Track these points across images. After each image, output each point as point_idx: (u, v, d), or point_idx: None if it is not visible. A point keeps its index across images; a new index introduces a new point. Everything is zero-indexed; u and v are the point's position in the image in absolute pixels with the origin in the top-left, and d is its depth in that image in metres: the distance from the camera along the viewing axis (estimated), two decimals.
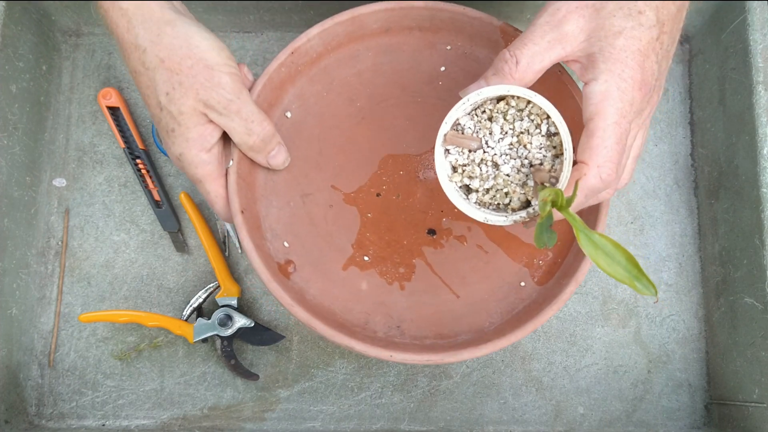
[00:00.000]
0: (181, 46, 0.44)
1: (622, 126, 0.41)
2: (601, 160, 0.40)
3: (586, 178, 0.41)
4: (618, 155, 0.41)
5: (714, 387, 0.60)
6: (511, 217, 0.46)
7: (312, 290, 0.54)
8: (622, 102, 0.40)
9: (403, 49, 0.58)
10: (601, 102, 0.40)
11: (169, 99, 0.45)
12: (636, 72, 0.40)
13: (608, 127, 0.40)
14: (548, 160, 0.44)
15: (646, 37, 0.40)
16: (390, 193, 0.57)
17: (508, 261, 0.56)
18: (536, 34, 0.42)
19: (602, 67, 0.40)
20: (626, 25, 0.40)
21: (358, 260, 0.55)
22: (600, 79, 0.40)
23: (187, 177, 0.50)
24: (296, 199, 0.55)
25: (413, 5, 0.55)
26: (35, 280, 0.60)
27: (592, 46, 0.41)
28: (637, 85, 0.41)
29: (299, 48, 0.54)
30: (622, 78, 0.40)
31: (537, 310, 0.51)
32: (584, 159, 0.41)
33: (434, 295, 0.55)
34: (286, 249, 0.54)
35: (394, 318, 0.54)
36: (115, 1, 0.44)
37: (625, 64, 0.40)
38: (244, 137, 0.48)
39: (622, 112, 0.40)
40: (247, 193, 0.53)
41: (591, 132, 0.41)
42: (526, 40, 0.42)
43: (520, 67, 0.42)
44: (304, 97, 0.57)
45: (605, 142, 0.40)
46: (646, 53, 0.41)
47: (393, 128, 0.57)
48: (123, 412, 0.59)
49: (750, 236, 0.55)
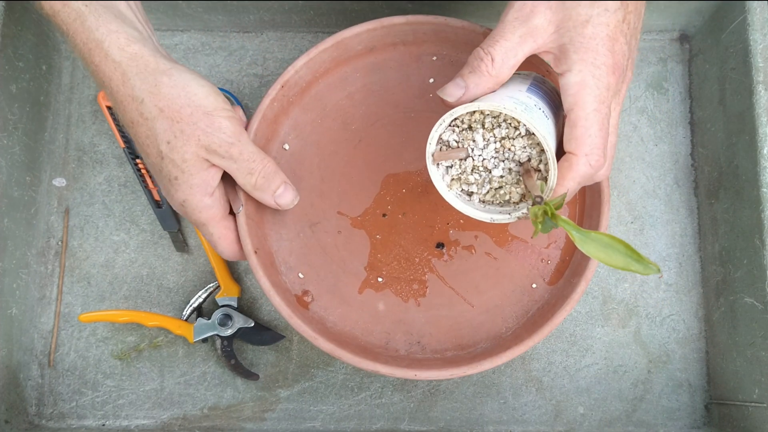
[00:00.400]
0: (179, 95, 0.45)
1: (602, 112, 0.42)
2: (588, 148, 0.42)
3: (576, 167, 0.43)
4: (603, 140, 0.42)
5: (714, 387, 0.60)
6: (514, 214, 0.46)
7: (331, 317, 0.55)
8: (599, 89, 0.42)
9: (390, 65, 0.59)
10: (579, 92, 0.42)
11: (170, 147, 0.45)
12: (608, 57, 0.42)
13: (589, 115, 0.42)
14: (535, 156, 0.45)
15: (612, 21, 0.42)
16: (395, 212, 0.57)
17: (518, 265, 0.57)
18: (507, 30, 0.42)
19: (574, 57, 0.42)
20: (592, 12, 0.41)
21: (373, 282, 0.56)
22: (574, 69, 0.42)
23: (190, 221, 0.51)
24: (305, 230, 0.56)
25: (394, 22, 0.56)
26: (35, 280, 0.60)
27: (562, 37, 0.42)
28: (611, 70, 0.42)
29: (288, 80, 0.55)
30: (595, 65, 0.41)
31: (551, 311, 0.53)
32: (572, 149, 0.42)
33: (450, 307, 0.56)
34: (301, 280, 0.56)
35: (414, 334, 0.55)
36: (106, 54, 0.44)
37: (597, 52, 0.41)
38: (247, 177, 0.48)
39: (600, 98, 0.42)
40: (258, 231, 0.54)
41: (573, 122, 0.42)
42: (498, 37, 0.42)
43: (496, 64, 0.43)
44: (300, 127, 0.58)
45: (589, 131, 0.42)
46: (614, 37, 0.42)
47: (390, 147, 0.58)
48: (123, 412, 0.59)
49: (750, 236, 0.55)
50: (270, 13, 0.63)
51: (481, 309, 0.56)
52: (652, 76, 0.65)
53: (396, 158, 0.58)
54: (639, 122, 0.64)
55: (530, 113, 0.43)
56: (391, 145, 0.58)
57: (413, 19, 0.56)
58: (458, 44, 0.58)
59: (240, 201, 0.51)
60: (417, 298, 0.57)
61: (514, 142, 0.44)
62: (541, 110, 0.44)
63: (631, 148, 0.63)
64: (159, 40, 0.64)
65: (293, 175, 0.58)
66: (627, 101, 0.64)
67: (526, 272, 0.57)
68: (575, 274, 0.54)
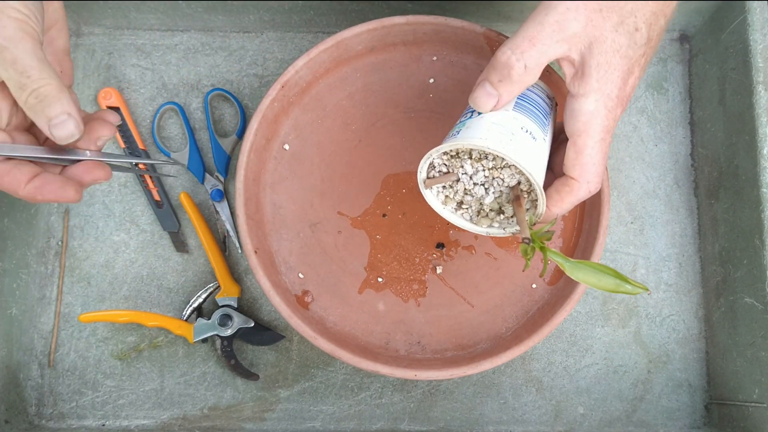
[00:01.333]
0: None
1: (607, 141, 0.43)
2: (590, 176, 0.43)
3: (577, 193, 0.44)
4: (603, 168, 0.44)
5: (714, 387, 0.60)
6: (508, 229, 0.48)
7: (331, 317, 0.55)
8: (608, 120, 0.42)
9: (390, 65, 0.59)
10: (590, 121, 0.42)
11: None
12: (622, 91, 0.42)
13: (596, 144, 0.42)
14: (524, 181, 0.46)
15: (636, 55, 0.42)
16: (395, 213, 0.58)
17: (518, 265, 0.57)
18: (545, 34, 0.40)
19: (594, 85, 0.41)
20: (624, 42, 0.41)
21: (373, 282, 0.57)
22: (590, 97, 0.41)
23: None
24: (305, 230, 0.57)
25: (394, 22, 0.56)
26: (35, 280, 0.60)
27: (592, 57, 0.41)
28: (622, 102, 0.42)
29: (288, 81, 0.55)
30: (609, 97, 0.42)
31: (551, 311, 0.53)
32: (574, 175, 0.43)
33: (450, 307, 0.56)
34: (301, 280, 0.56)
35: (414, 335, 0.56)
36: None
37: (615, 84, 0.41)
38: (17, 92, 0.41)
39: (607, 128, 0.42)
40: (258, 231, 0.54)
41: (579, 149, 0.43)
42: (536, 41, 0.40)
43: (528, 70, 0.41)
44: (300, 127, 0.58)
45: (593, 159, 0.43)
46: (632, 71, 0.42)
47: (390, 147, 0.58)
48: (123, 412, 0.59)
49: (750, 236, 0.55)
50: (270, 13, 0.63)
51: (482, 309, 0.56)
52: (652, 76, 0.65)
53: (396, 159, 0.58)
54: (639, 122, 0.64)
55: (515, 144, 0.43)
56: (392, 146, 0.58)
57: (413, 19, 0.56)
58: (458, 44, 0.58)
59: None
60: (417, 298, 0.57)
61: (501, 171, 0.45)
62: (528, 132, 0.44)
63: (631, 148, 0.63)
64: (159, 40, 0.65)
65: (293, 174, 0.58)
66: None
67: (526, 272, 0.57)
68: None
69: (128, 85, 0.64)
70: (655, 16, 0.42)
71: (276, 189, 0.57)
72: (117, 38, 0.65)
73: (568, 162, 0.43)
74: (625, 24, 0.40)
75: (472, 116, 0.45)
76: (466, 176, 0.46)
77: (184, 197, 0.60)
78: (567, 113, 0.43)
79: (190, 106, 0.64)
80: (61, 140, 0.41)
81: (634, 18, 0.41)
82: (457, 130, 0.45)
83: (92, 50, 0.64)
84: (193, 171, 0.61)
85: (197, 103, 0.64)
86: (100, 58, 0.64)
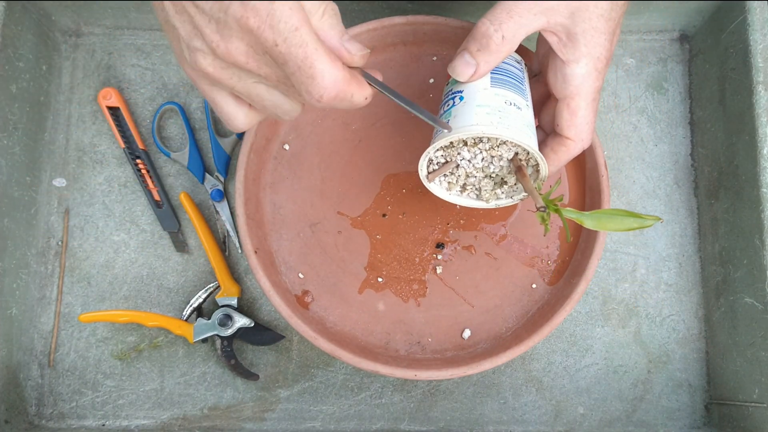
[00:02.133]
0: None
1: (597, 100, 0.46)
2: (584, 134, 0.46)
3: (573, 150, 0.46)
4: (594, 124, 0.46)
5: (714, 387, 0.60)
6: (516, 197, 0.49)
7: (331, 317, 0.55)
8: (598, 81, 0.44)
9: (391, 65, 0.59)
10: (583, 83, 0.44)
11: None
12: (608, 51, 0.44)
13: (588, 105, 0.45)
14: (521, 151, 0.47)
15: (616, 15, 0.43)
16: (395, 213, 0.58)
17: (518, 265, 0.57)
18: (523, 6, 0.42)
19: (584, 50, 0.43)
20: (606, 6, 0.42)
21: (373, 282, 0.57)
22: (581, 62, 0.43)
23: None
24: (305, 230, 0.57)
25: (394, 22, 0.56)
26: (35, 280, 0.60)
27: (576, 25, 0.42)
28: (607, 62, 0.44)
29: None
30: (599, 59, 0.43)
31: (551, 311, 0.53)
32: (570, 135, 0.46)
33: (450, 307, 0.56)
34: (301, 280, 0.56)
35: (414, 335, 0.56)
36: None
37: (603, 47, 0.43)
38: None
39: (597, 88, 0.45)
40: (257, 231, 0.54)
41: (573, 111, 0.45)
42: (512, 12, 0.42)
43: (506, 41, 0.42)
44: (300, 127, 0.58)
45: (586, 119, 0.45)
46: (615, 30, 0.44)
47: (390, 147, 0.58)
48: (123, 412, 0.59)
49: (750, 236, 0.55)
50: None
51: (481, 309, 0.56)
52: (652, 76, 0.65)
53: (396, 159, 0.58)
54: (639, 122, 0.64)
55: (505, 121, 0.44)
56: (392, 146, 0.58)
57: (413, 19, 0.56)
58: (458, 44, 0.57)
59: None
60: (417, 298, 0.57)
61: (498, 149, 0.46)
62: (513, 104, 0.45)
63: (631, 148, 0.63)
64: (159, 40, 0.65)
65: (293, 175, 0.58)
66: (627, 101, 0.64)
67: (526, 272, 0.57)
68: (575, 274, 0.54)
69: (128, 85, 0.64)
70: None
71: (276, 189, 0.57)
72: (117, 38, 0.65)
73: (563, 123, 0.45)
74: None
75: (455, 103, 0.45)
76: (466, 161, 0.47)
77: (184, 197, 0.60)
78: (558, 78, 0.44)
79: (190, 106, 0.64)
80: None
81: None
82: (445, 120, 0.45)
83: (92, 50, 0.64)
84: (193, 171, 0.61)
85: (197, 103, 0.64)
86: (100, 58, 0.64)
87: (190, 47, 0.36)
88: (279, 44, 0.34)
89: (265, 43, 0.34)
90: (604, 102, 0.64)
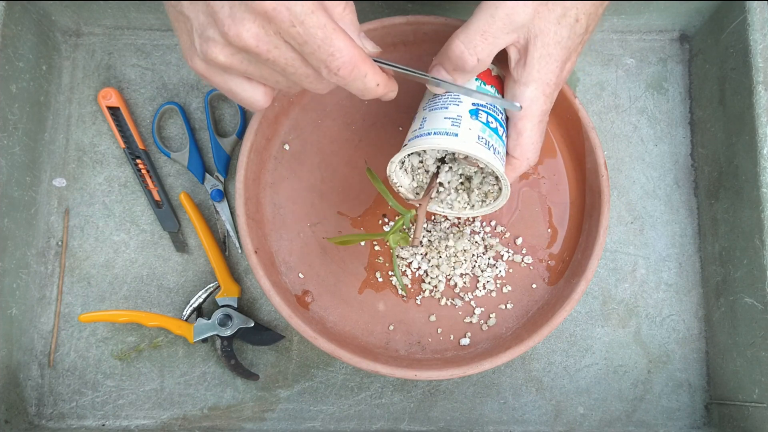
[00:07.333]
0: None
1: (544, 122, 0.47)
2: (530, 154, 0.47)
3: (518, 169, 0.48)
4: (540, 145, 0.48)
5: (714, 387, 0.60)
6: (493, 205, 0.50)
7: (331, 317, 0.55)
8: (546, 104, 0.46)
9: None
10: (530, 107, 0.45)
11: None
12: (559, 77, 0.45)
13: (534, 126, 0.46)
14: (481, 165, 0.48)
15: (573, 44, 0.44)
16: (395, 213, 0.58)
17: (517, 264, 0.57)
18: (496, 27, 0.42)
19: (535, 75, 0.44)
20: (565, 34, 0.43)
21: (373, 282, 0.57)
22: (531, 86, 0.45)
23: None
24: (305, 230, 0.57)
25: (395, 22, 0.56)
26: (35, 280, 0.60)
27: (535, 49, 0.43)
28: (558, 86, 0.46)
29: None
30: (548, 85, 0.45)
31: (551, 311, 0.53)
32: (517, 155, 0.47)
33: (450, 307, 0.56)
34: (301, 280, 0.56)
35: (414, 334, 0.56)
36: None
37: (553, 73, 0.44)
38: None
39: (545, 110, 0.46)
40: (258, 231, 0.54)
41: (520, 131, 0.46)
42: (487, 35, 0.42)
43: (481, 62, 0.43)
44: (300, 126, 0.58)
45: (532, 139, 0.47)
46: (569, 58, 0.45)
47: (390, 147, 0.58)
48: (123, 412, 0.59)
49: (750, 236, 0.55)
50: None
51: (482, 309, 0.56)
52: (652, 76, 0.65)
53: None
54: (639, 122, 0.64)
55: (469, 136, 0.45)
56: (391, 146, 0.58)
57: (413, 19, 0.56)
58: None
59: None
60: (417, 297, 0.57)
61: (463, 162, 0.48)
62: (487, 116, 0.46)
63: (631, 148, 0.63)
64: (159, 40, 0.65)
65: (293, 175, 0.58)
66: (627, 101, 0.64)
67: (526, 272, 0.57)
68: (575, 274, 0.54)
69: (128, 85, 0.64)
70: (594, 7, 0.44)
71: (276, 189, 0.57)
72: (117, 38, 0.65)
73: (510, 142, 0.47)
74: (567, 16, 0.43)
75: (423, 125, 0.47)
76: (443, 174, 0.49)
77: (184, 197, 0.60)
78: (508, 96, 0.46)
79: (190, 106, 0.64)
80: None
81: (575, 10, 0.43)
82: (416, 133, 0.47)
83: (92, 50, 0.64)
84: (193, 171, 0.61)
85: (197, 103, 0.64)
86: (100, 58, 0.64)
87: (203, 37, 0.37)
88: (296, 25, 0.35)
89: (282, 24, 0.35)
90: (604, 102, 0.64)
